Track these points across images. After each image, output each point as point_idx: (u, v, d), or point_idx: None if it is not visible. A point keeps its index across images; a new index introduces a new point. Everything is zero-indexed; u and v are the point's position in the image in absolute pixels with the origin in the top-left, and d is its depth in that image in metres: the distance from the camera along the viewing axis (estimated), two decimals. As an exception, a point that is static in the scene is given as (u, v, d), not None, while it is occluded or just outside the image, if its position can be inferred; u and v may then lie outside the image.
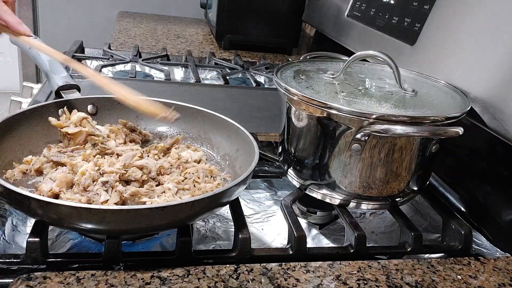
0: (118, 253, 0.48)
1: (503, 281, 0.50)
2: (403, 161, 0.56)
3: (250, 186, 0.73)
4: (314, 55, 0.77)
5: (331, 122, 0.55)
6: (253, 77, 1.15)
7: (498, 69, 0.61)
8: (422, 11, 0.81)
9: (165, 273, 0.45)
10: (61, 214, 0.44)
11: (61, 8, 2.08)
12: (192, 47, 1.46)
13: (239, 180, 0.51)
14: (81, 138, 0.62)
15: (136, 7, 2.06)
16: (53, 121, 0.62)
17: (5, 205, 0.58)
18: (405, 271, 0.50)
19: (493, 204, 0.65)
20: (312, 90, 0.58)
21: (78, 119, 0.63)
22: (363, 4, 1.05)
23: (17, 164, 0.57)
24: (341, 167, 0.57)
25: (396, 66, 0.60)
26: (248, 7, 1.47)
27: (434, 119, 0.52)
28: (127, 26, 1.68)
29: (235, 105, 0.94)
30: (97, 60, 1.18)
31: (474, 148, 0.72)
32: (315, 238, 0.63)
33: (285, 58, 1.49)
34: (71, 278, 0.43)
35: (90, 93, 0.73)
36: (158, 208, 0.45)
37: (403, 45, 0.83)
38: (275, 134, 0.79)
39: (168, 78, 1.07)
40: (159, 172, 0.58)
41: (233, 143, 0.65)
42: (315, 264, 0.49)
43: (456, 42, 0.70)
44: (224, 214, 0.64)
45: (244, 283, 0.45)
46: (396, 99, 0.59)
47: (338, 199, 0.59)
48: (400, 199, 0.60)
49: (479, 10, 0.68)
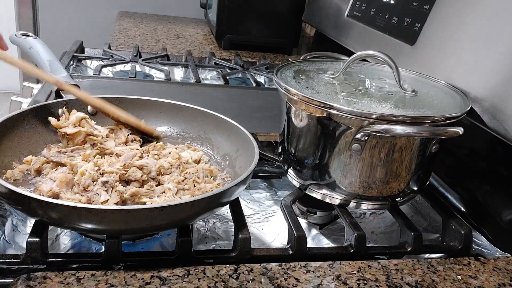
0: (118, 253, 0.48)
1: (503, 281, 0.50)
2: (403, 161, 0.56)
3: (250, 186, 0.73)
4: (314, 55, 0.77)
5: (331, 122, 0.55)
6: (253, 77, 1.15)
7: (498, 69, 0.61)
8: (422, 11, 0.81)
9: (165, 273, 0.45)
10: (61, 214, 0.44)
11: (61, 8, 2.08)
12: (192, 47, 1.46)
13: (239, 180, 0.51)
14: (80, 138, 0.62)
15: (136, 7, 2.06)
16: (53, 121, 0.62)
17: (5, 205, 0.58)
18: (405, 271, 0.50)
19: (493, 204, 0.65)
20: (312, 90, 0.58)
21: (77, 119, 0.63)
22: (363, 4, 1.05)
23: (17, 164, 0.57)
24: (341, 167, 0.57)
25: (396, 66, 0.60)
26: (248, 7, 1.47)
27: (434, 119, 0.52)
28: (127, 26, 1.68)
29: (235, 105, 0.94)
30: (97, 60, 1.18)
31: (474, 148, 0.72)
32: (315, 238, 0.63)
33: (285, 58, 1.49)
34: (71, 278, 0.43)
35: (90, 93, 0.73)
36: (158, 208, 0.45)
37: (403, 45, 0.83)
38: (275, 134, 0.79)
39: (168, 78, 1.07)
40: (159, 172, 0.58)
41: (233, 143, 0.65)
42: (315, 264, 0.49)
43: (456, 42, 0.70)
44: (224, 214, 0.64)
45: (244, 283, 0.45)
46: (396, 99, 0.59)
47: (338, 199, 0.59)
48: (400, 199, 0.60)
49: (479, 10, 0.68)
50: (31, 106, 0.64)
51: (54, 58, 0.77)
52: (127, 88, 0.94)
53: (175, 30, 1.72)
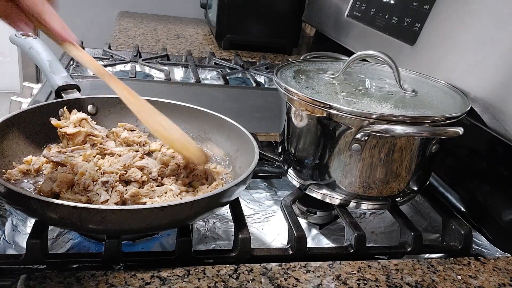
0: (118, 253, 0.48)
1: (503, 281, 0.50)
2: (403, 161, 0.56)
3: (250, 186, 0.73)
4: (314, 55, 0.77)
5: (331, 122, 0.55)
6: (253, 77, 1.15)
7: (498, 69, 0.61)
8: (422, 11, 0.81)
9: (165, 273, 0.45)
10: (61, 214, 0.44)
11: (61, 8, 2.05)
12: (192, 47, 1.46)
13: (239, 180, 0.51)
14: (80, 139, 0.62)
15: (136, 7, 2.06)
16: (53, 121, 0.63)
17: (5, 205, 0.58)
18: (405, 271, 0.50)
19: (493, 204, 0.65)
20: (312, 90, 0.58)
21: (77, 119, 0.63)
22: (363, 4, 1.05)
23: (17, 164, 0.57)
24: (341, 167, 0.57)
25: (396, 66, 0.60)
26: (248, 7, 1.47)
27: (434, 119, 0.52)
28: (127, 26, 1.68)
29: (235, 105, 0.94)
30: (97, 60, 1.18)
31: (474, 148, 0.72)
32: (315, 238, 0.63)
33: (285, 58, 1.49)
34: (71, 278, 0.43)
35: (90, 93, 0.73)
36: (158, 208, 0.45)
37: (403, 45, 0.83)
38: (275, 134, 0.79)
39: (168, 78, 1.07)
40: (162, 173, 0.58)
41: (233, 143, 0.65)
42: (315, 264, 0.49)
43: (456, 42, 0.70)
44: (224, 214, 0.64)
45: (244, 283, 0.45)
46: (396, 99, 0.59)
47: (338, 199, 0.59)
48: (400, 199, 0.60)
49: (479, 10, 0.68)
50: (31, 106, 0.64)
51: (54, 58, 0.77)
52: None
53: (175, 30, 1.72)
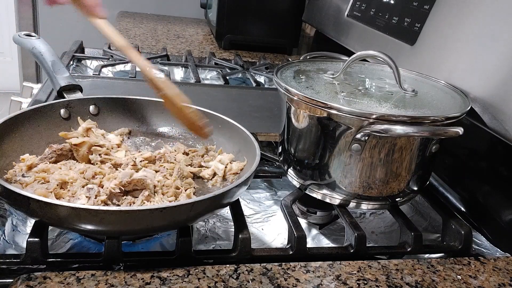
0: (118, 253, 0.48)
1: (503, 281, 0.50)
2: (403, 161, 0.56)
3: (250, 186, 0.72)
4: (314, 55, 0.77)
5: (331, 122, 0.55)
6: (253, 77, 1.15)
7: (498, 69, 0.61)
8: (422, 11, 0.81)
9: (165, 273, 0.45)
10: (60, 215, 0.44)
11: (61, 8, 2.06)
12: (192, 47, 1.46)
13: (240, 181, 0.51)
14: (85, 150, 0.60)
15: (136, 7, 2.06)
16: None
17: (5, 205, 0.58)
18: (405, 271, 0.50)
19: (493, 204, 0.65)
20: (312, 90, 0.58)
21: (83, 130, 0.63)
22: (363, 4, 1.05)
23: (17, 164, 0.57)
24: (341, 167, 0.57)
25: (396, 66, 0.60)
26: (248, 7, 1.47)
27: (434, 119, 0.52)
28: (127, 26, 1.68)
29: (235, 105, 0.94)
30: (97, 60, 1.18)
31: (474, 148, 0.72)
32: (315, 238, 0.64)
33: (285, 58, 1.49)
34: (71, 278, 0.43)
35: (91, 93, 0.73)
36: (157, 209, 0.45)
37: (403, 45, 0.83)
38: (275, 134, 0.79)
39: (168, 78, 1.07)
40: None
41: (235, 144, 0.65)
42: (315, 264, 0.49)
43: (456, 42, 0.70)
44: (224, 214, 0.64)
45: (244, 283, 0.45)
46: (396, 99, 0.59)
47: (338, 199, 0.59)
48: (400, 199, 0.60)
49: (479, 10, 0.68)
50: (32, 106, 0.64)
51: (57, 58, 0.77)
52: (127, 88, 0.94)
53: (175, 30, 1.72)
